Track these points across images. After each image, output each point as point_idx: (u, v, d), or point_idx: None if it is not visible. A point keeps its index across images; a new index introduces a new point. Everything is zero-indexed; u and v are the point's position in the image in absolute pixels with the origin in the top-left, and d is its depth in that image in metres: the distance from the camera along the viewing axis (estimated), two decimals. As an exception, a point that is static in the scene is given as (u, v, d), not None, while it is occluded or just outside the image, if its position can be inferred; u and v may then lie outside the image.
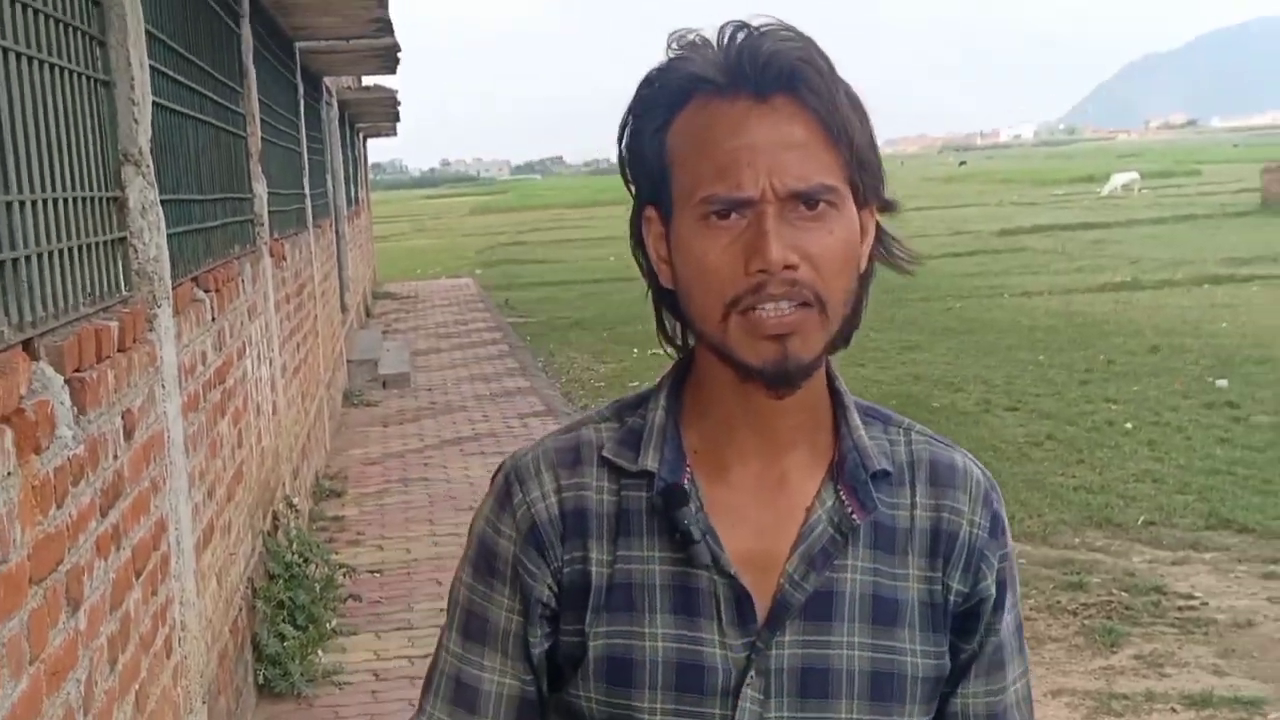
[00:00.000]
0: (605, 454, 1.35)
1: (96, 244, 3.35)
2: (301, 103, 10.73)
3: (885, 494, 1.35)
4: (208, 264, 5.06)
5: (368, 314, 20.44)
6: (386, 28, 9.69)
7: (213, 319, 4.88)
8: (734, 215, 1.23)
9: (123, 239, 3.65)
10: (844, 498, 1.32)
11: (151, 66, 4.10)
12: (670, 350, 1.40)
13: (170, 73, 4.61)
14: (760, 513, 1.33)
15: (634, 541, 1.32)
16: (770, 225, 1.22)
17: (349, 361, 13.48)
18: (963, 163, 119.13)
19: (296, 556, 5.95)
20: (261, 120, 7.27)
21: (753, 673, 1.29)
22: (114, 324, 3.24)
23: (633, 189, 1.35)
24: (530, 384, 13.37)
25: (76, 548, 2.72)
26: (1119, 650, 5.80)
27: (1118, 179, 49.46)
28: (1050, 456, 9.31)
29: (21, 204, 2.71)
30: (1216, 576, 6.73)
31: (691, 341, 1.36)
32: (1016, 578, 1.43)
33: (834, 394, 1.38)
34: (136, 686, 3.21)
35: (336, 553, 7.05)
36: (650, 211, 1.33)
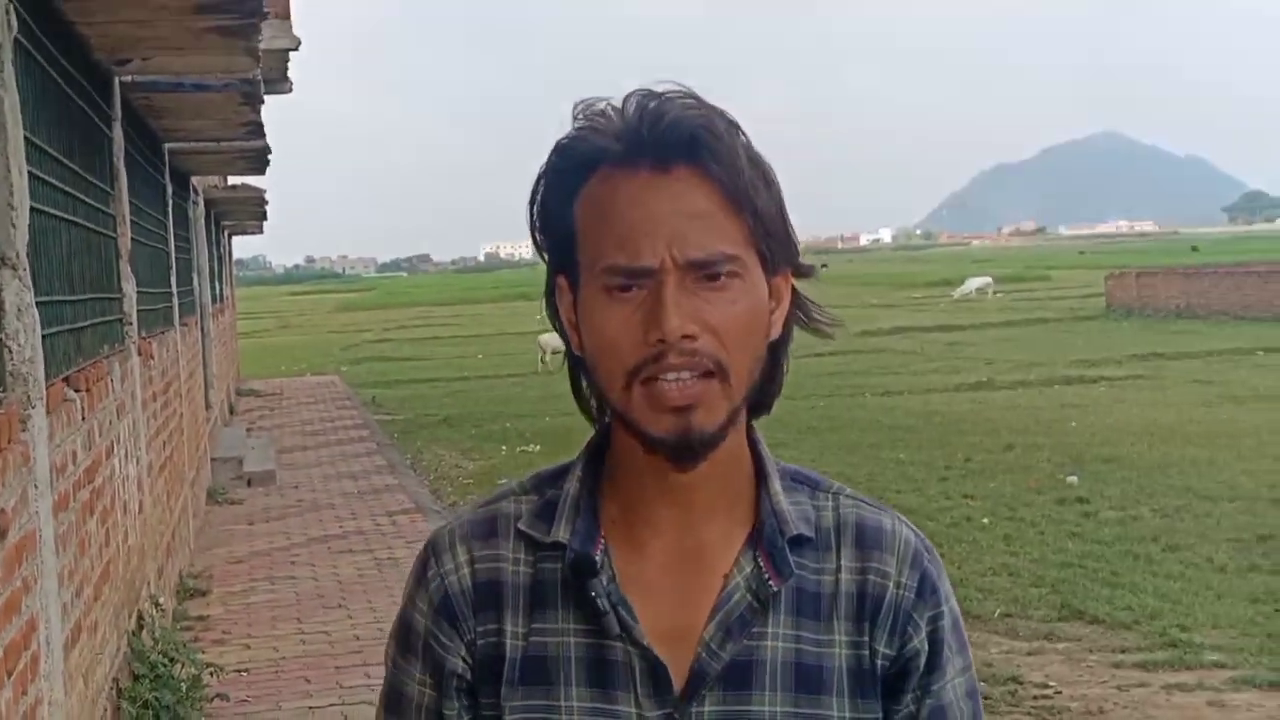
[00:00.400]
0: (520, 526, 1.34)
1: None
2: (170, 202, 10.72)
3: (808, 559, 1.33)
4: (79, 363, 5.06)
5: (231, 411, 20.17)
6: (258, 131, 9.78)
7: (83, 418, 4.88)
8: (635, 288, 1.23)
9: (-4, 341, 3.68)
10: (762, 565, 1.30)
11: (28, 171, 4.15)
12: (593, 422, 1.39)
13: (45, 176, 4.66)
14: (676, 584, 1.31)
15: (549, 614, 1.31)
16: (668, 295, 1.21)
17: (213, 459, 13.32)
18: (824, 265, 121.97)
19: (161, 656, 5.87)
20: (131, 221, 7.29)
21: None
22: (-10, 424, 3.27)
23: (545, 257, 1.34)
24: (398, 481, 13.33)
25: (-48, 647, 2.73)
26: (977, 739, 6.00)
27: (972, 283, 51.22)
28: (910, 552, 9.57)
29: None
30: (1069, 666, 6.99)
31: (608, 414, 1.35)
32: (962, 643, 1.38)
33: (757, 460, 1.36)
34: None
35: (203, 651, 6.96)
36: (561, 280, 1.32)
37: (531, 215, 1.33)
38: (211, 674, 6.31)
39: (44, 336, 4.14)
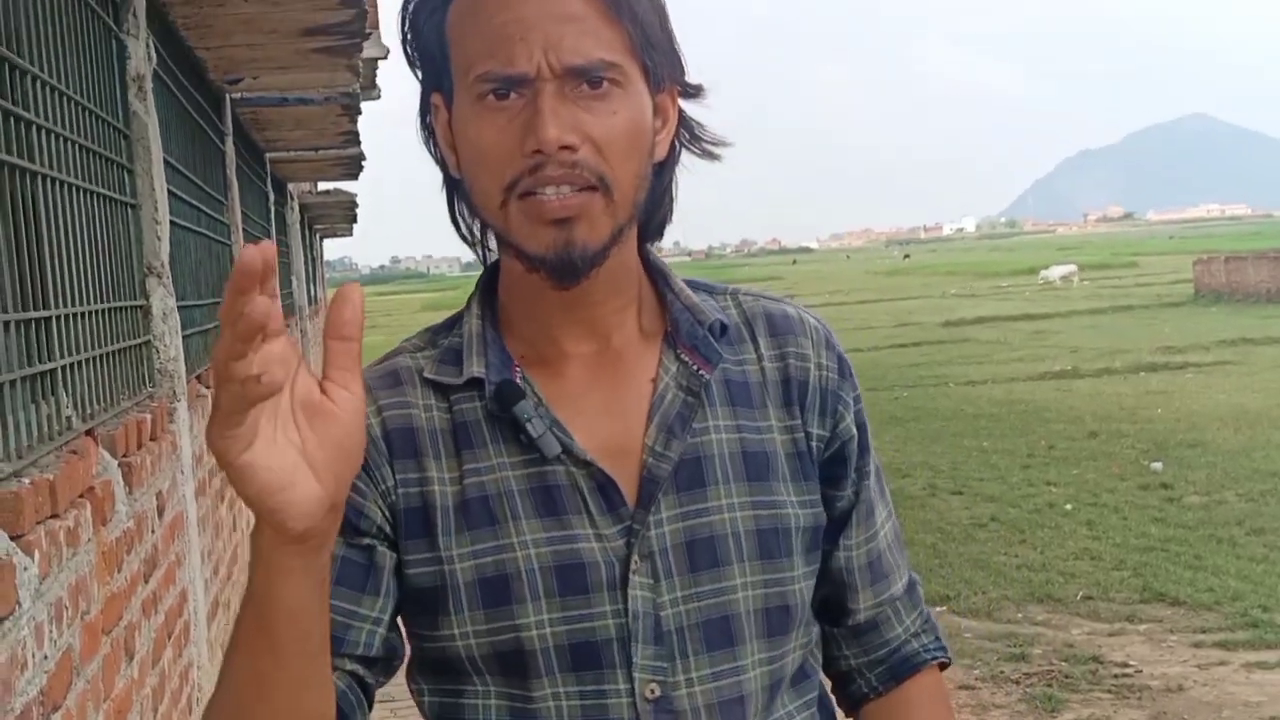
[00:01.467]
0: (427, 375, 1.28)
1: (130, 347, 3.78)
2: (271, 209, 11.21)
3: (728, 353, 1.30)
4: (207, 363, 5.48)
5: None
6: (354, 139, 10.22)
7: (213, 413, 5.29)
8: (513, 95, 1.16)
9: (148, 342, 4.08)
10: (687, 359, 1.27)
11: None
12: (474, 251, 1.34)
13: (177, 191, 5.07)
14: (603, 399, 1.26)
15: (479, 453, 1.24)
16: (546, 103, 1.14)
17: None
18: (907, 256, 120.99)
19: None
20: (243, 229, 7.74)
21: (636, 558, 1.22)
22: (148, 416, 3.66)
23: (417, 74, 1.28)
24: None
25: (130, 608, 3.12)
26: (1059, 715, 6.18)
27: (1055, 271, 50.94)
28: (994, 537, 9.71)
29: (81, 315, 3.15)
30: (1150, 646, 7.13)
31: (492, 242, 1.30)
32: (867, 422, 1.39)
33: (652, 271, 1.33)
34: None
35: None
36: (436, 98, 1.26)
37: (402, 27, 1.26)
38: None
39: (183, 338, 4.55)
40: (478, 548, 1.22)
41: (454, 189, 1.29)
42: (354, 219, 22.98)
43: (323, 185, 18.22)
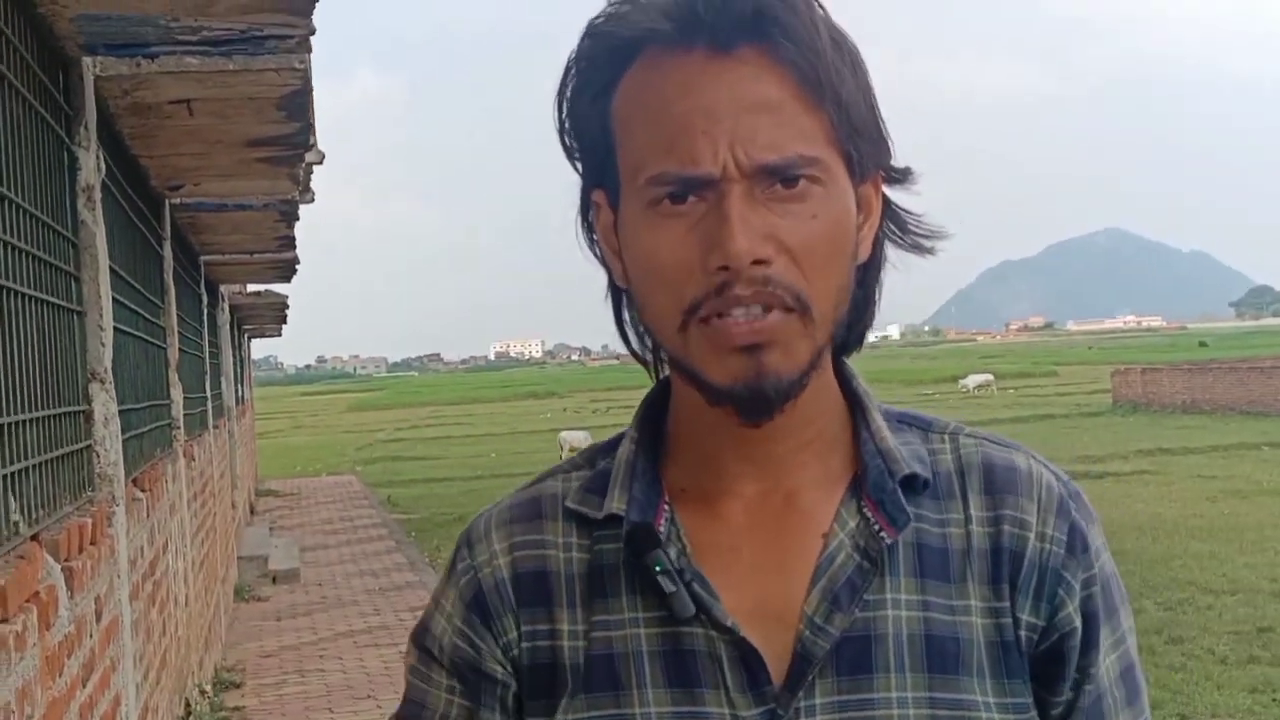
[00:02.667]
0: (569, 504, 1.11)
1: (72, 452, 3.85)
2: (204, 311, 11.25)
3: (928, 510, 1.08)
4: (141, 466, 5.52)
5: (253, 511, 20.55)
6: (290, 243, 10.33)
7: (147, 515, 5.32)
8: (691, 198, 0.98)
9: (89, 446, 4.14)
10: (870, 515, 1.05)
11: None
12: (647, 369, 1.16)
13: (119, 298, 5.15)
14: (763, 551, 1.06)
15: (612, 604, 1.07)
16: (734, 209, 0.96)
17: (240, 557, 13.69)
18: None
19: (209, 743, 6.27)
20: (179, 332, 7.80)
21: None
22: (88, 520, 3.72)
23: (577, 167, 1.11)
24: (418, 578, 13.69)
25: (69, 713, 3.15)
26: None
27: (971, 380, 52.22)
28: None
29: (28, 422, 3.22)
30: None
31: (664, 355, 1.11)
32: (1120, 608, 1.12)
33: (852, 398, 1.12)
34: (100, 845, 3.59)
35: (244, 740, 7.36)
36: (598, 196, 1.09)
37: (559, 114, 1.09)
38: (255, 758, 6.70)
39: (122, 441, 4.61)
40: (596, 714, 1.05)
41: (620, 298, 1.12)
42: (284, 320, 22.95)
43: (252, 286, 18.25)
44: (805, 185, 0.98)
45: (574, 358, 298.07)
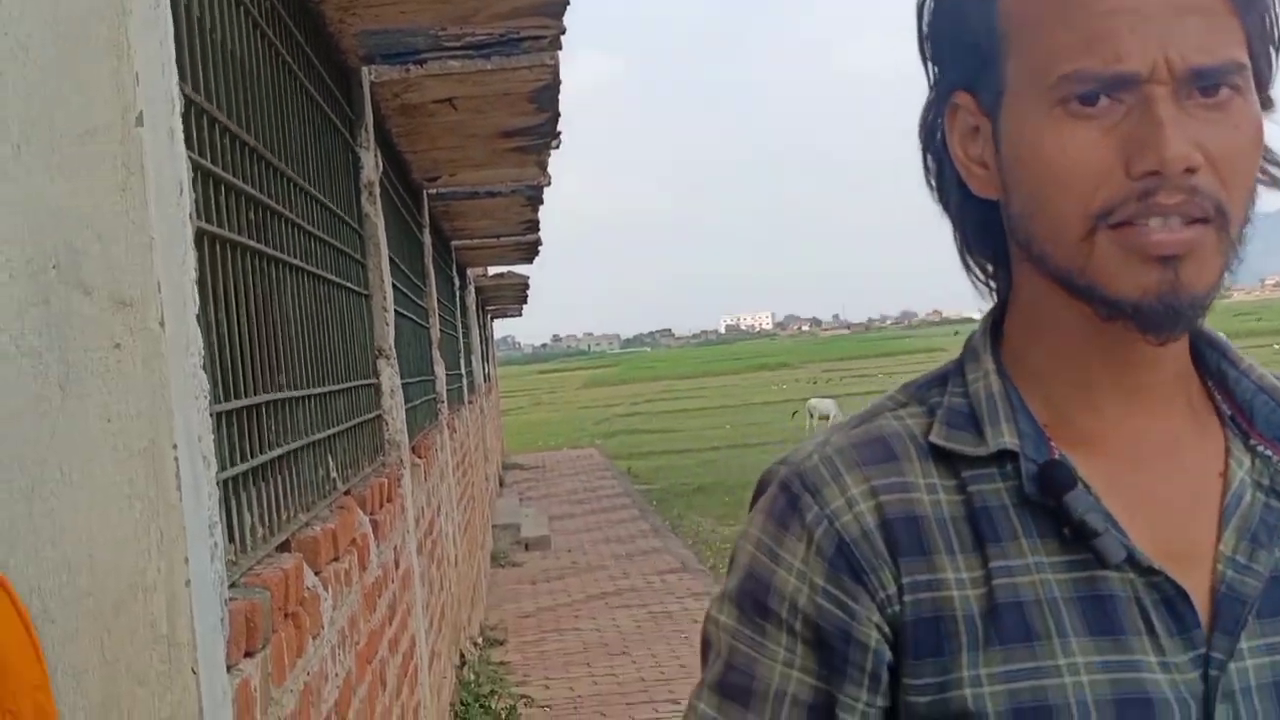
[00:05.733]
0: (935, 441, 1.03)
1: (368, 420, 4.33)
2: (456, 294, 11.93)
3: None
4: (418, 436, 6.04)
5: (501, 483, 21.48)
6: (534, 226, 10.86)
7: (424, 480, 5.84)
8: (1104, 100, 0.93)
9: (379, 416, 4.63)
10: (1269, 453, 1.02)
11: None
12: (983, 288, 1.10)
13: (395, 282, 5.67)
14: (1157, 488, 1.01)
15: (1008, 548, 0.99)
16: (1165, 112, 0.92)
17: (493, 526, 14.42)
18: None
19: (482, 688, 6.80)
20: (438, 313, 8.39)
21: (1218, 700, 0.96)
22: (384, 480, 4.19)
23: (933, 70, 1.06)
24: (663, 544, 14.18)
25: (382, 644, 3.62)
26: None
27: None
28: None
29: (337, 393, 3.69)
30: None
31: (1006, 277, 1.07)
32: None
33: (1197, 337, 1.07)
34: (406, 765, 4.08)
35: (517, 685, 7.90)
36: (962, 98, 1.03)
37: (921, 17, 1.05)
38: (526, 704, 7.21)
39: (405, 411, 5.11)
40: (1012, 668, 0.96)
41: (964, 214, 1.07)
42: (524, 300, 23.83)
43: (493, 269, 19.07)
44: (1226, 94, 0.93)
45: (804, 329, 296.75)
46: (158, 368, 1.55)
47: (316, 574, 2.69)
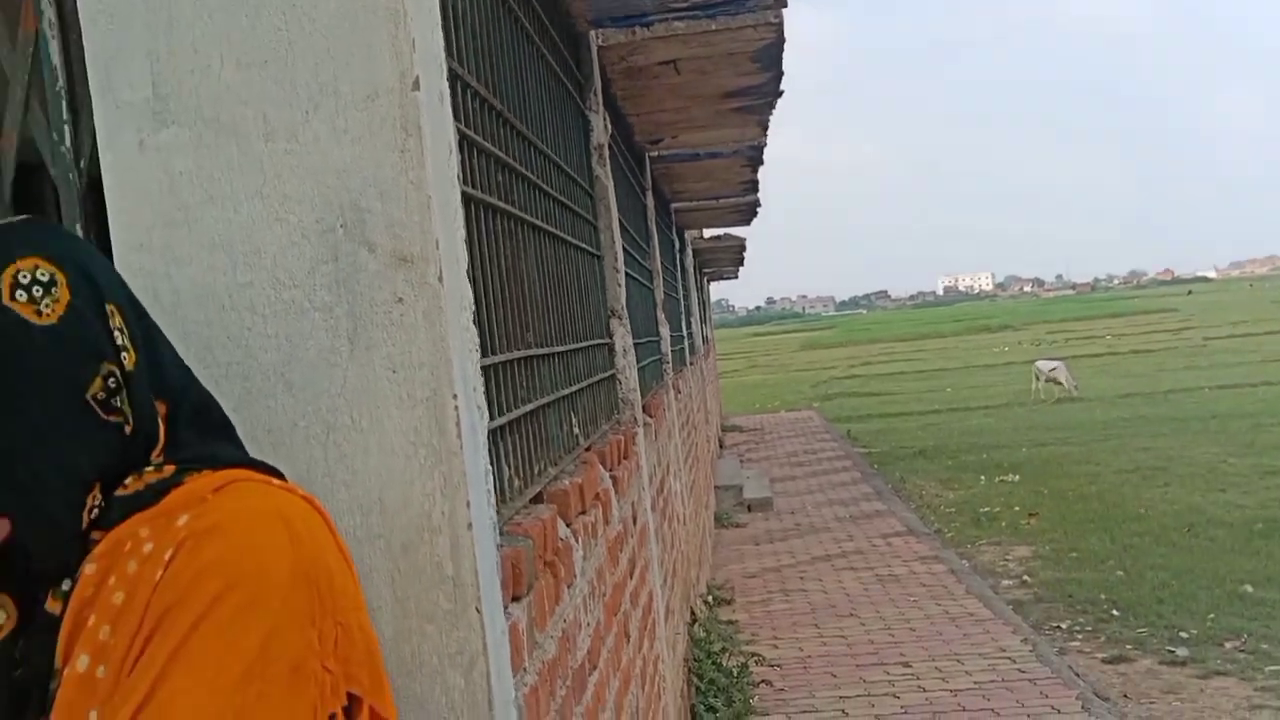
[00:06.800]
0: None
1: (604, 379, 4.41)
2: (677, 255, 12.01)
3: None
4: (647, 395, 6.13)
5: (720, 445, 21.59)
6: (753, 187, 10.84)
7: (654, 438, 5.92)
8: None
9: (613, 375, 4.71)
10: None
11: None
12: None
13: (623, 244, 5.75)
14: None
15: None
16: None
17: (715, 486, 14.53)
18: (1189, 292, 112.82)
19: (715, 645, 6.88)
20: (661, 275, 8.46)
21: None
22: (621, 438, 4.26)
23: None
24: (887, 507, 14.04)
25: (625, 597, 3.69)
26: None
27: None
28: None
29: (576, 351, 3.77)
30: None
31: None
32: None
33: None
34: (649, 715, 4.16)
35: (746, 643, 7.97)
36: None
37: None
38: (756, 662, 7.26)
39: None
40: None
41: None
42: (740, 262, 23.83)
43: (709, 231, 19.12)
44: None
45: (1026, 289, 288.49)
46: (437, 321, 1.62)
47: (568, 526, 2.77)
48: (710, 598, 9.19)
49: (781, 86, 6.73)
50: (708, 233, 18.76)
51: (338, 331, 1.62)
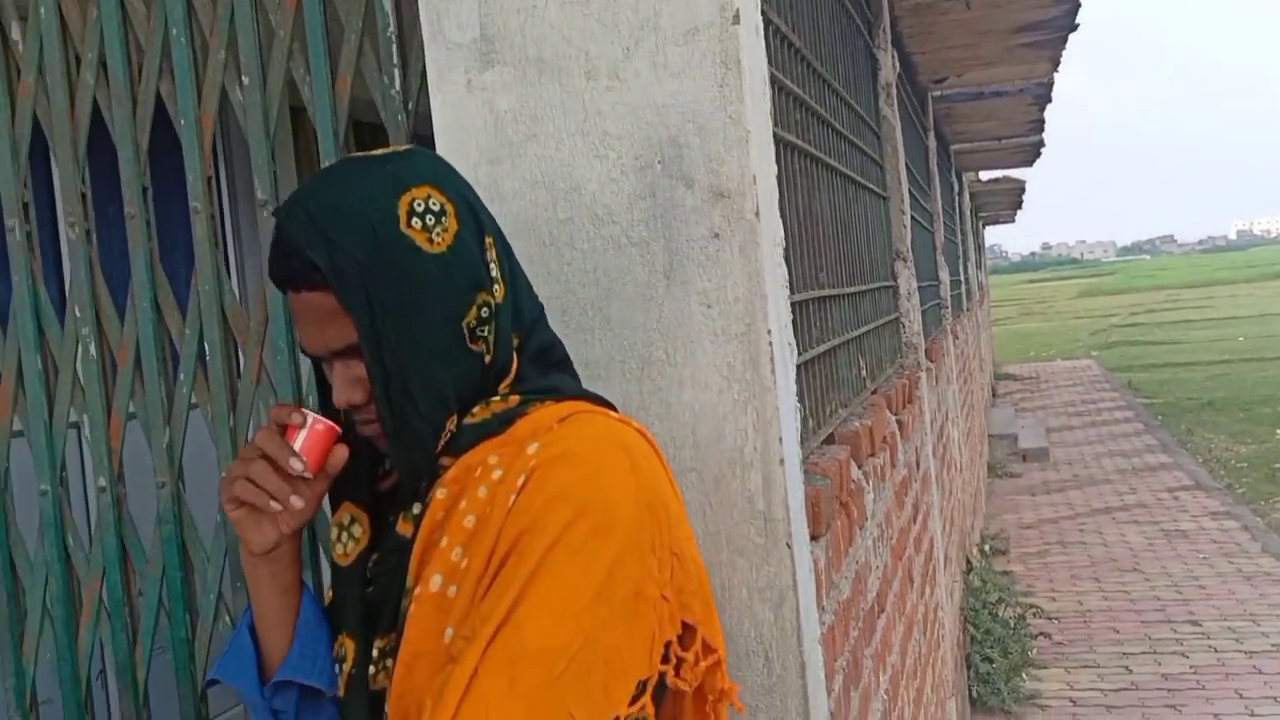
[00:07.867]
0: None
1: (888, 322, 4.35)
2: (955, 198, 11.72)
3: None
4: (929, 340, 6.02)
5: (994, 394, 21.08)
6: (1039, 127, 10.46)
7: (935, 384, 5.81)
8: None
9: (896, 318, 4.64)
10: None
11: (905, 180, 5.12)
12: None
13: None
14: None
15: None
16: None
17: (989, 435, 14.20)
18: None
19: (991, 595, 6.75)
20: (942, 218, 8.27)
21: None
22: (905, 382, 4.20)
23: None
24: (1172, 460, 13.45)
25: (909, 541, 3.66)
26: None
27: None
28: None
29: (863, 293, 3.72)
30: None
31: None
32: None
33: None
34: (930, 661, 4.12)
35: (1023, 595, 7.79)
36: None
37: None
38: (1034, 614, 7.09)
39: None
40: None
41: None
42: (1019, 205, 23.07)
43: (985, 174, 18.55)
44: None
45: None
46: (753, 256, 1.62)
47: (859, 468, 2.75)
48: (986, 547, 9.01)
49: (1076, 20, 6.46)
50: (984, 175, 18.22)
51: (654, 267, 1.64)
